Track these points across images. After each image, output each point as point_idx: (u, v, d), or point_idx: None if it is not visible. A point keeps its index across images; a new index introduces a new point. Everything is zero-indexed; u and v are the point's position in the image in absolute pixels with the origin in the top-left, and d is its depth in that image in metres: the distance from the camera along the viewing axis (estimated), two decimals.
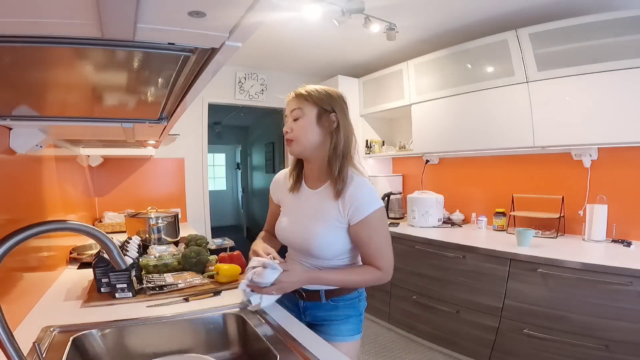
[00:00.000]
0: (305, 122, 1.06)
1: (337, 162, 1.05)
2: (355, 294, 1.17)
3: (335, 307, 1.15)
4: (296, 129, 1.07)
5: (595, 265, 1.71)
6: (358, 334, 1.17)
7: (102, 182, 2.99)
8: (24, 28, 0.47)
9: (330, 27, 2.37)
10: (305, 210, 1.12)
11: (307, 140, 1.07)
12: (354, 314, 1.16)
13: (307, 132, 1.06)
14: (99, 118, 1.06)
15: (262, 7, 0.46)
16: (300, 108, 1.07)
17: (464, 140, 2.66)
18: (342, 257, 1.12)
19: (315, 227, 1.08)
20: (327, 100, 1.07)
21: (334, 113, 1.07)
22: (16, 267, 1.07)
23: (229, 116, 5.98)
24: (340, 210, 1.05)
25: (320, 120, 1.06)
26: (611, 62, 1.94)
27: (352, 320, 1.16)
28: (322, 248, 1.07)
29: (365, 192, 1.04)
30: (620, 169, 2.17)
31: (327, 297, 1.14)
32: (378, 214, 1.04)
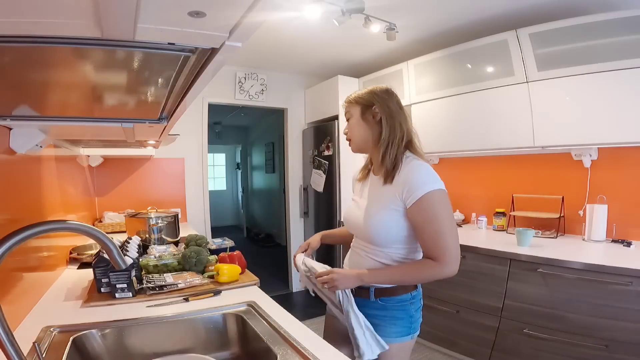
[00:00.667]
0: (353, 121, 1.18)
1: (383, 148, 1.10)
2: (407, 296, 1.13)
3: (384, 307, 1.13)
4: (349, 128, 1.19)
5: (595, 265, 1.71)
6: (407, 335, 1.13)
7: (102, 182, 2.99)
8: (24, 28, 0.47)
9: (330, 27, 2.37)
10: (366, 195, 1.18)
11: (358, 136, 1.17)
12: (402, 316, 1.12)
13: (356, 129, 1.17)
14: (99, 118, 1.06)
15: (262, 7, 0.46)
16: (349, 111, 1.19)
17: (464, 140, 2.66)
18: (398, 245, 1.10)
19: (370, 209, 1.12)
20: (368, 97, 1.15)
21: (374, 106, 1.13)
22: (16, 267, 1.07)
23: (229, 116, 5.98)
24: (395, 193, 1.06)
25: (364, 116, 1.15)
26: (611, 62, 1.94)
27: (399, 323, 1.12)
28: (376, 230, 1.08)
29: (420, 173, 1.04)
30: (620, 169, 2.17)
31: (377, 296, 1.12)
32: (435, 196, 1.01)
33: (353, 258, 1.21)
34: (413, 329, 1.14)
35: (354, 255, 1.22)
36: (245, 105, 3.70)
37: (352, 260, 1.21)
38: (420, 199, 1.01)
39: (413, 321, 1.14)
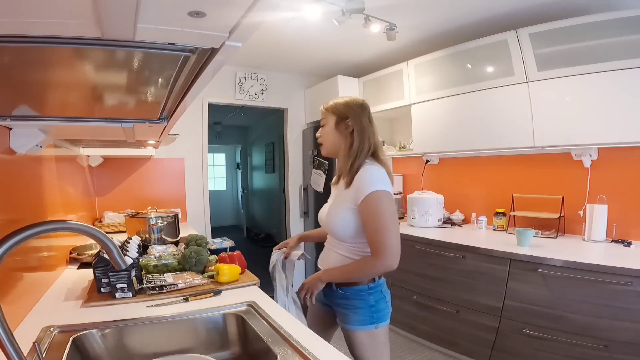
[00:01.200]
0: (327, 129, 1.30)
1: (351, 159, 1.23)
2: (364, 287, 1.23)
3: (345, 297, 1.25)
4: (322, 134, 1.32)
5: (595, 265, 1.71)
6: (371, 324, 1.22)
7: (102, 182, 2.99)
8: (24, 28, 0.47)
9: (330, 27, 2.37)
10: (338, 198, 1.29)
11: (330, 143, 1.30)
12: (362, 305, 1.22)
13: (329, 136, 1.30)
14: (99, 118, 1.06)
15: (262, 7, 0.46)
16: (325, 118, 1.32)
17: (464, 140, 2.66)
18: (356, 240, 1.22)
19: (332, 208, 1.27)
20: (343, 110, 1.27)
21: (348, 119, 1.26)
22: (16, 267, 1.07)
23: (229, 116, 5.98)
24: (352, 193, 1.19)
25: (338, 126, 1.28)
26: (611, 62, 1.94)
27: (360, 312, 1.22)
28: (336, 226, 1.24)
29: (369, 175, 1.16)
30: (620, 169, 2.17)
31: (337, 286, 1.26)
32: (379, 195, 1.13)
33: (324, 254, 1.37)
34: (376, 318, 1.22)
35: (325, 250, 1.38)
36: (245, 105, 3.70)
37: (324, 256, 1.37)
38: (367, 197, 1.14)
39: (374, 311, 1.23)
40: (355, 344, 1.23)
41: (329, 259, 1.31)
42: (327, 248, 1.36)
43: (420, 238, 2.54)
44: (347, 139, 1.26)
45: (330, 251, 1.32)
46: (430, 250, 2.47)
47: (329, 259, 1.31)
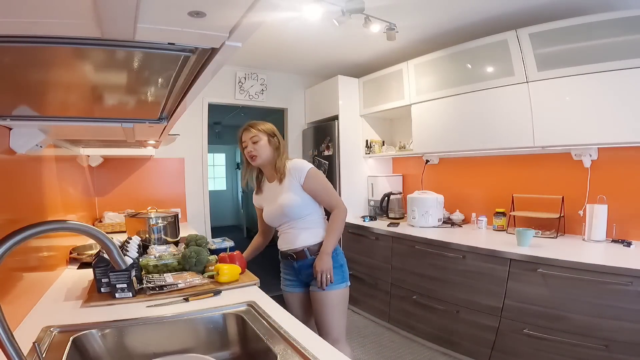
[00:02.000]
0: (262, 144, 1.60)
1: (280, 162, 1.61)
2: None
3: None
4: (257, 148, 1.60)
5: (595, 265, 1.71)
6: (343, 282, 1.59)
7: (102, 182, 2.99)
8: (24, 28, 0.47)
9: (330, 27, 2.37)
10: (273, 194, 1.63)
11: (265, 155, 1.61)
12: (334, 265, 1.56)
13: (264, 150, 1.60)
14: (99, 118, 1.06)
15: (262, 7, 0.46)
16: (257, 135, 1.60)
17: (464, 140, 2.66)
18: (310, 212, 1.61)
19: (283, 199, 1.58)
20: (271, 130, 1.64)
21: (275, 137, 1.64)
22: (16, 267, 1.07)
23: (229, 116, 5.98)
24: (292, 180, 1.58)
25: (270, 142, 1.62)
26: (611, 62, 1.94)
27: (335, 272, 1.56)
28: (295, 208, 1.57)
29: (299, 163, 1.61)
30: (620, 169, 2.17)
31: (311, 254, 1.59)
32: (313, 170, 1.60)
33: (286, 238, 1.64)
34: (345, 277, 1.61)
35: (286, 235, 1.65)
36: (245, 105, 3.70)
37: (286, 239, 1.64)
38: (307, 175, 1.57)
39: (343, 270, 1.61)
40: (330, 304, 1.55)
41: (300, 236, 1.60)
42: (289, 233, 1.63)
43: (420, 238, 2.54)
44: (275, 150, 1.62)
45: (295, 230, 1.61)
46: (430, 250, 2.47)
47: (300, 236, 1.60)
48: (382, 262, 2.86)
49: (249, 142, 1.60)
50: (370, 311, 3.05)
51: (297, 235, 1.60)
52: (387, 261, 2.81)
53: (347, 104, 3.46)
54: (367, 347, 2.57)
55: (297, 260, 1.60)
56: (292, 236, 1.61)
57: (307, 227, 1.61)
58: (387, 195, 3.29)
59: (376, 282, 2.92)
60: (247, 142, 1.61)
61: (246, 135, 1.62)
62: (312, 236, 1.60)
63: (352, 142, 3.50)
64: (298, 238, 1.60)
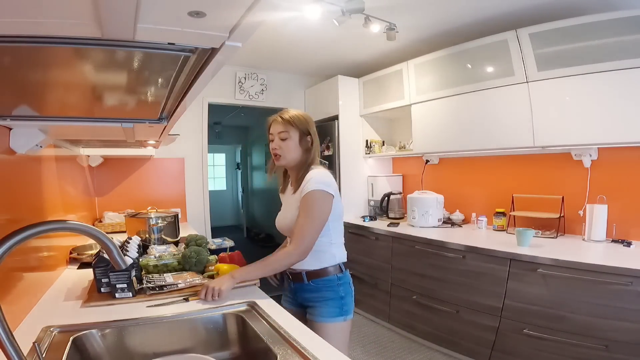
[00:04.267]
0: (291, 143, 1.34)
1: (304, 169, 1.35)
2: (333, 277, 1.33)
3: (316, 289, 1.32)
4: (284, 147, 1.34)
5: (595, 265, 1.71)
6: (340, 316, 1.30)
7: (102, 182, 2.99)
8: (24, 28, 0.47)
9: (330, 27, 2.37)
10: (288, 202, 1.40)
11: (291, 157, 1.35)
12: (333, 297, 1.31)
13: (292, 151, 1.34)
14: (99, 118, 1.06)
15: (262, 7, 0.46)
16: (287, 131, 1.33)
17: (464, 141, 2.66)
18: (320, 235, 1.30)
19: (290, 213, 1.35)
20: (305, 126, 1.36)
21: (309, 135, 1.36)
22: (16, 267, 1.07)
23: (229, 116, 5.98)
24: (298, 195, 1.30)
25: (301, 142, 1.35)
26: (611, 62, 1.94)
27: (331, 304, 1.30)
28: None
29: (313, 176, 1.29)
30: (620, 169, 2.17)
31: (309, 279, 1.33)
32: (315, 194, 1.26)
33: None
34: (344, 311, 1.32)
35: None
36: (245, 105, 3.70)
37: None
38: (306, 194, 1.26)
39: (344, 304, 1.32)
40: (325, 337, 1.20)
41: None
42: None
43: (420, 238, 2.54)
44: (305, 152, 1.36)
45: None
46: (430, 250, 2.47)
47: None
48: (382, 262, 2.86)
49: (276, 136, 1.34)
50: (370, 311, 3.05)
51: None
52: (387, 261, 2.81)
53: (347, 104, 3.46)
54: (367, 347, 2.57)
55: (294, 282, 1.38)
56: None
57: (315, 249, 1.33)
58: (387, 195, 3.29)
59: (376, 282, 2.91)
60: (274, 136, 1.35)
61: (274, 128, 1.35)
62: (314, 260, 1.33)
63: (352, 142, 3.50)
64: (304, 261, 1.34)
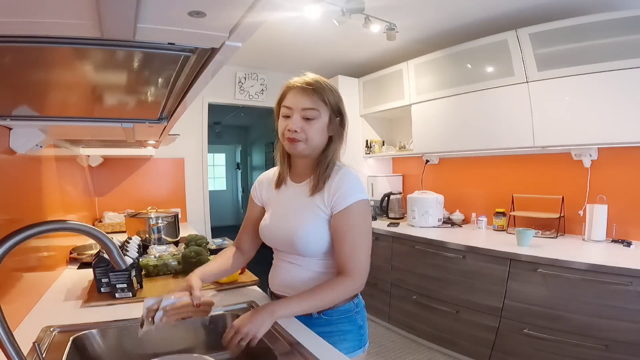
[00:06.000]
0: (319, 125, 0.98)
1: (328, 159, 1.01)
2: (350, 305, 1.04)
3: (330, 322, 1.02)
4: (309, 131, 0.97)
5: (595, 265, 1.71)
6: (359, 349, 1.05)
7: (102, 182, 2.99)
8: (24, 28, 0.47)
9: (330, 27, 2.37)
10: (290, 203, 1.06)
11: (316, 143, 1.00)
12: (351, 328, 1.03)
13: (318, 135, 0.99)
14: (99, 118, 1.06)
15: (262, 7, 0.46)
16: (318, 110, 0.98)
17: (463, 140, 2.66)
18: (328, 254, 1.02)
19: (298, 218, 1.01)
20: (339, 103, 1.02)
21: (340, 117, 1.03)
22: (16, 267, 1.07)
23: (229, 116, 5.98)
24: (325, 199, 0.99)
25: (330, 125, 1.01)
26: (611, 62, 1.94)
27: (349, 337, 1.03)
28: (306, 239, 0.98)
29: (352, 182, 0.99)
30: (620, 169, 2.17)
31: (319, 311, 1.01)
32: (361, 206, 0.97)
33: (282, 275, 1.07)
34: (364, 341, 1.07)
35: (283, 271, 1.07)
36: (245, 105, 3.70)
37: (281, 277, 1.08)
38: (348, 208, 0.95)
39: (363, 333, 1.06)
40: None
41: (302, 282, 1.02)
42: (287, 269, 1.06)
43: (420, 238, 2.54)
44: (333, 140, 1.03)
45: (297, 270, 1.04)
46: (430, 250, 2.46)
47: (302, 282, 1.02)
48: (382, 262, 2.86)
49: (298, 113, 0.97)
50: (370, 311, 3.04)
51: (301, 279, 1.04)
52: (387, 261, 2.81)
53: (347, 104, 3.40)
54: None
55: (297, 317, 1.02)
56: (294, 277, 1.05)
57: (321, 272, 1.03)
58: (387, 195, 3.29)
59: (376, 282, 2.91)
60: (294, 112, 0.98)
61: (297, 100, 0.99)
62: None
63: (352, 142, 3.49)
64: (303, 285, 1.02)
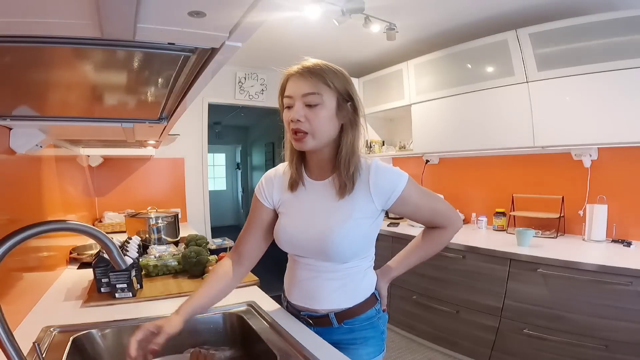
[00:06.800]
0: (326, 113, 0.85)
1: (349, 155, 0.88)
2: (372, 312, 0.99)
3: (351, 330, 0.97)
4: (314, 119, 0.84)
5: (595, 265, 1.71)
6: (379, 354, 1.02)
7: (102, 182, 2.99)
8: (24, 28, 0.47)
9: (330, 27, 2.37)
10: (315, 205, 0.94)
11: (325, 134, 0.87)
12: (373, 334, 0.99)
13: (326, 124, 0.86)
14: (99, 118, 1.06)
15: (263, 7, 0.46)
16: (320, 94, 0.84)
17: (464, 140, 2.66)
18: (363, 256, 0.99)
19: (329, 222, 0.90)
20: (346, 86, 0.89)
21: (352, 101, 0.89)
22: (16, 267, 1.07)
23: (229, 116, 5.98)
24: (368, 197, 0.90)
25: (340, 112, 0.87)
26: (611, 62, 1.94)
27: (372, 342, 0.98)
28: (341, 244, 0.89)
29: (389, 174, 0.91)
30: (620, 169, 2.17)
31: (340, 321, 0.96)
32: (410, 183, 0.91)
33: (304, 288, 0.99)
34: (384, 345, 1.04)
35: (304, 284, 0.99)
36: (245, 105, 3.70)
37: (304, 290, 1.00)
38: (401, 196, 0.90)
39: (384, 337, 1.04)
40: None
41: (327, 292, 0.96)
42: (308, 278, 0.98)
43: None
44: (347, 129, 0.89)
45: (321, 279, 0.96)
46: None
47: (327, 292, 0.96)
48: (382, 262, 2.85)
49: (299, 100, 0.85)
50: None
51: (322, 289, 0.96)
52: (387, 261, 2.81)
53: None
54: None
55: (315, 326, 1.00)
56: (315, 287, 0.97)
57: (343, 279, 0.95)
58: None
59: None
60: (295, 100, 0.86)
61: (296, 87, 0.86)
62: (347, 295, 0.96)
63: None
64: (324, 294, 0.96)
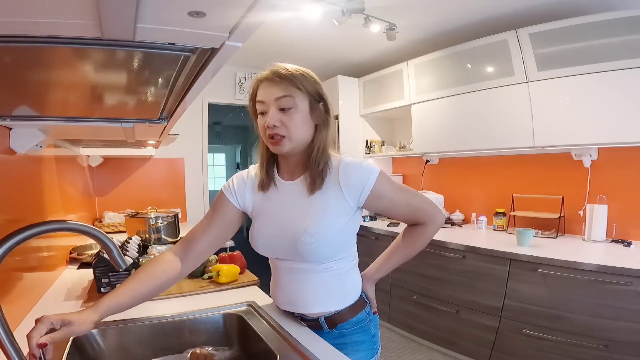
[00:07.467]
0: (300, 115, 0.87)
1: (319, 153, 0.90)
2: (363, 315, 0.99)
3: (342, 335, 0.97)
4: (290, 123, 0.86)
5: (595, 265, 1.71)
6: (373, 357, 1.01)
7: (102, 182, 2.99)
8: (24, 28, 0.47)
9: (330, 27, 2.37)
10: (287, 204, 0.94)
11: (300, 136, 0.88)
12: (364, 338, 0.98)
13: (300, 126, 0.87)
14: (99, 118, 1.06)
15: (262, 7, 0.46)
16: (292, 96, 0.86)
17: (463, 140, 2.66)
18: (343, 256, 0.95)
19: (301, 220, 0.90)
20: (316, 87, 0.92)
21: (323, 102, 0.92)
22: (16, 267, 1.07)
23: (229, 116, 5.98)
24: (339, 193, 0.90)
25: (313, 113, 0.90)
26: (611, 62, 1.94)
27: (363, 347, 0.98)
28: (312, 242, 0.87)
29: (358, 166, 0.90)
30: (620, 169, 2.17)
31: (330, 326, 0.96)
32: (382, 177, 0.91)
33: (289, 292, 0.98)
34: (376, 348, 1.03)
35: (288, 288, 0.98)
36: (245, 105, 3.67)
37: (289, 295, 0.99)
38: (373, 192, 0.89)
39: (375, 340, 1.02)
40: None
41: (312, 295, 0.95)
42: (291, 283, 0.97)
43: None
44: (319, 130, 0.91)
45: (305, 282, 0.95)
46: (430, 250, 2.46)
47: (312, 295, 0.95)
48: None
49: (272, 105, 0.86)
50: None
51: (304, 291, 0.95)
52: None
53: (347, 104, 3.46)
54: None
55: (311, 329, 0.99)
56: (297, 290, 0.96)
57: (323, 280, 0.94)
58: None
59: (376, 282, 2.91)
60: (268, 106, 0.87)
61: (268, 92, 0.87)
62: (332, 298, 0.95)
63: (352, 142, 3.51)
64: (306, 297, 0.95)
